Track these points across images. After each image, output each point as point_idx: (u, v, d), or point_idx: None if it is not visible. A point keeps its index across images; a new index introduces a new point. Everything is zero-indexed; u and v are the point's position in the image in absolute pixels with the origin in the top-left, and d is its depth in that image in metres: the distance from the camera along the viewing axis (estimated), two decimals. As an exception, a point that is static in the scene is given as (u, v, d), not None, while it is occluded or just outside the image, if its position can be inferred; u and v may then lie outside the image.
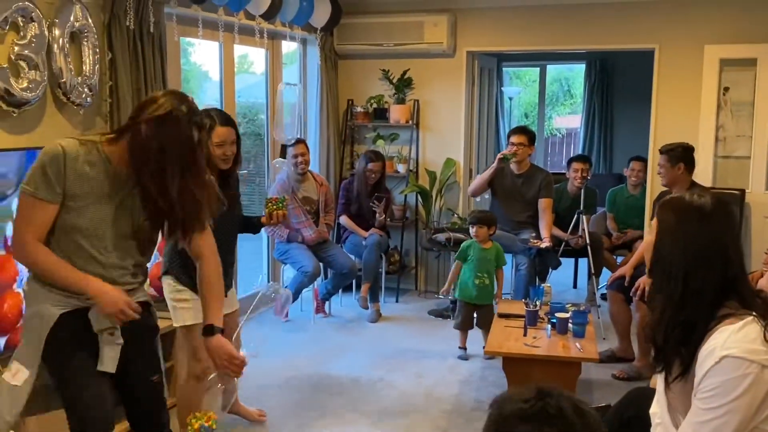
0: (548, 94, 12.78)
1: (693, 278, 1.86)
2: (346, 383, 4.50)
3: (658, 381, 2.00)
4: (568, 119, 14.38)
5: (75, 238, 2.37)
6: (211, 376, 3.24)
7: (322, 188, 5.70)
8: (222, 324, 2.57)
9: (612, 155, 10.06)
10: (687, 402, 1.86)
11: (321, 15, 6.04)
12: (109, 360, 2.41)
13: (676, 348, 1.86)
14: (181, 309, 3.33)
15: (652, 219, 4.89)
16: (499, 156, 5.59)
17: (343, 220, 6.07)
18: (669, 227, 1.94)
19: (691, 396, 1.84)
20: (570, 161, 6.34)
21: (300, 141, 5.60)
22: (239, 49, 5.75)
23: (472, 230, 4.83)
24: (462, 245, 4.97)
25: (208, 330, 2.53)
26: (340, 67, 6.68)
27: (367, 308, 5.83)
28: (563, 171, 6.79)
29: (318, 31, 6.17)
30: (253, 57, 6.25)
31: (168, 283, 3.37)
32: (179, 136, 2.33)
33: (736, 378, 1.73)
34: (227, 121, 3.40)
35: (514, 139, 5.61)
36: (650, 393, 2.27)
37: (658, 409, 2.00)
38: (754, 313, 1.79)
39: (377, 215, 5.95)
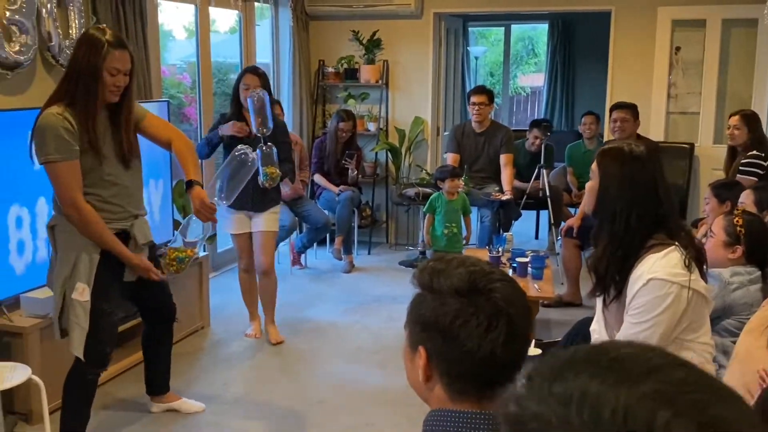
0: (513, 54, 13.04)
1: (632, 216, 2.18)
2: (323, 327, 4.84)
3: (597, 304, 2.35)
4: (533, 78, 14.67)
5: None
6: None
7: (296, 147, 5.93)
8: (199, 179, 3.22)
9: (573, 113, 10.41)
10: (621, 319, 2.20)
11: (292, -22, 6.23)
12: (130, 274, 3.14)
13: (612, 276, 2.20)
14: (227, 222, 4.42)
15: None
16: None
17: (317, 177, 6.34)
18: (613, 174, 2.23)
19: (623, 313, 2.18)
20: (531, 126, 6.67)
21: (276, 102, 5.82)
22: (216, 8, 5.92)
23: (448, 184, 5.11)
24: (429, 199, 5.28)
25: (190, 184, 3.16)
26: (311, 28, 6.89)
27: (341, 259, 6.15)
28: (527, 129, 7.13)
29: (289, -6, 6.36)
30: (215, 16, 6.37)
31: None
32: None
33: (660, 296, 2.08)
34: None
35: (474, 98, 5.89)
36: (592, 321, 2.62)
37: (597, 326, 2.35)
38: (676, 243, 2.13)
39: (350, 172, 6.23)
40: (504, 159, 5.89)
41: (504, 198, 5.65)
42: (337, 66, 6.86)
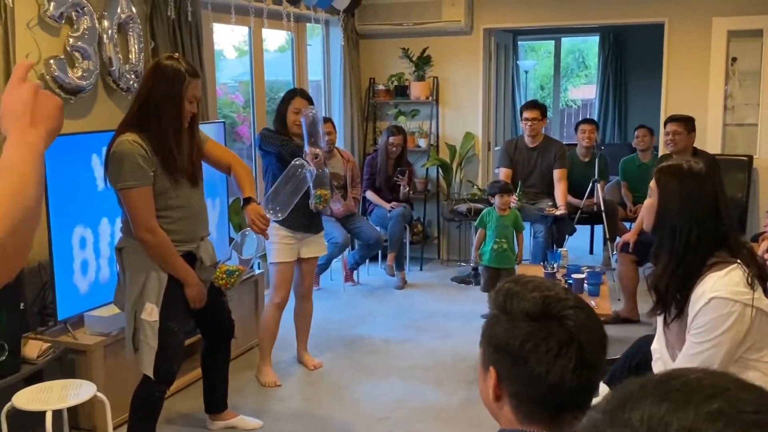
0: (563, 66, 12.92)
1: (693, 234, 2.15)
2: (377, 343, 4.86)
3: (658, 322, 2.31)
4: (583, 90, 14.51)
5: None
6: None
7: (348, 164, 5.99)
8: (255, 197, 3.31)
9: (626, 125, 10.28)
10: (682, 338, 2.17)
11: (343, -3, 6.31)
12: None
13: (673, 294, 2.17)
14: (274, 250, 4.13)
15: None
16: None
17: (369, 194, 6.38)
18: (672, 191, 2.20)
19: (685, 333, 2.15)
20: (578, 124, 6.60)
21: (327, 120, 5.89)
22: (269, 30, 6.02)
23: (499, 199, 5.08)
24: (481, 214, 5.27)
25: (247, 201, 3.26)
26: (361, 46, 6.96)
27: (393, 276, 6.17)
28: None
29: (340, 13, 6.44)
30: (265, 35, 6.47)
31: (275, 226, 4.00)
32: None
33: (722, 316, 2.04)
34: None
35: (527, 114, 5.87)
36: (652, 339, 2.58)
37: (658, 346, 2.32)
38: (738, 261, 2.10)
39: (401, 188, 6.25)
40: (558, 174, 5.85)
41: (558, 213, 5.60)
42: (388, 83, 6.91)
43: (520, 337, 1.25)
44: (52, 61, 3.72)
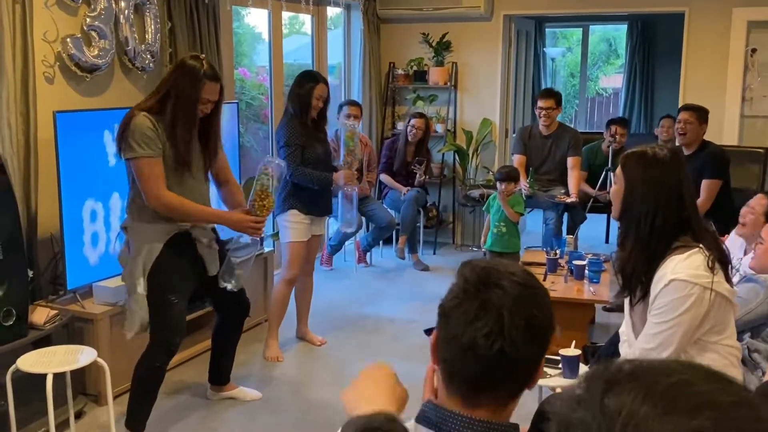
0: (595, 54, 12.77)
1: (657, 219, 2.20)
2: (382, 323, 4.96)
3: (625, 306, 2.37)
4: (615, 79, 14.33)
5: None
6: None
7: (366, 148, 6.05)
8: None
9: (652, 116, 10.19)
10: (645, 320, 2.23)
11: (363, -18, 6.37)
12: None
13: (638, 277, 2.23)
14: (290, 230, 4.31)
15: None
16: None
17: (384, 177, 6.46)
18: (637, 177, 2.25)
19: (647, 314, 2.21)
20: (609, 123, 6.51)
21: (356, 103, 5.96)
22: (288, 13, 6.12)
23: (501, 186, 5.12)
24: (488, 199, 5.31)
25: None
26: (382, 31, 7.01)
27: (403, 258, 6.25)
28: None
29: (361, -3, 6.51)
30: (304, 18, 6.57)
31: (291, 213, 4.29)
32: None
33: (681, 297, 2.10)
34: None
35: (541, 103, 5.85)
36: None
37: (625, 328, 2.38)
38: (701, 245, 2.15)
39: (417, 176, 6.31)
40: (571, 162, 5.85)
41: (569, 201, 5.62)
42: (407, 68, 6.96)
43: (451, 294, 1.27)
44: (68, 40, 3.86)
